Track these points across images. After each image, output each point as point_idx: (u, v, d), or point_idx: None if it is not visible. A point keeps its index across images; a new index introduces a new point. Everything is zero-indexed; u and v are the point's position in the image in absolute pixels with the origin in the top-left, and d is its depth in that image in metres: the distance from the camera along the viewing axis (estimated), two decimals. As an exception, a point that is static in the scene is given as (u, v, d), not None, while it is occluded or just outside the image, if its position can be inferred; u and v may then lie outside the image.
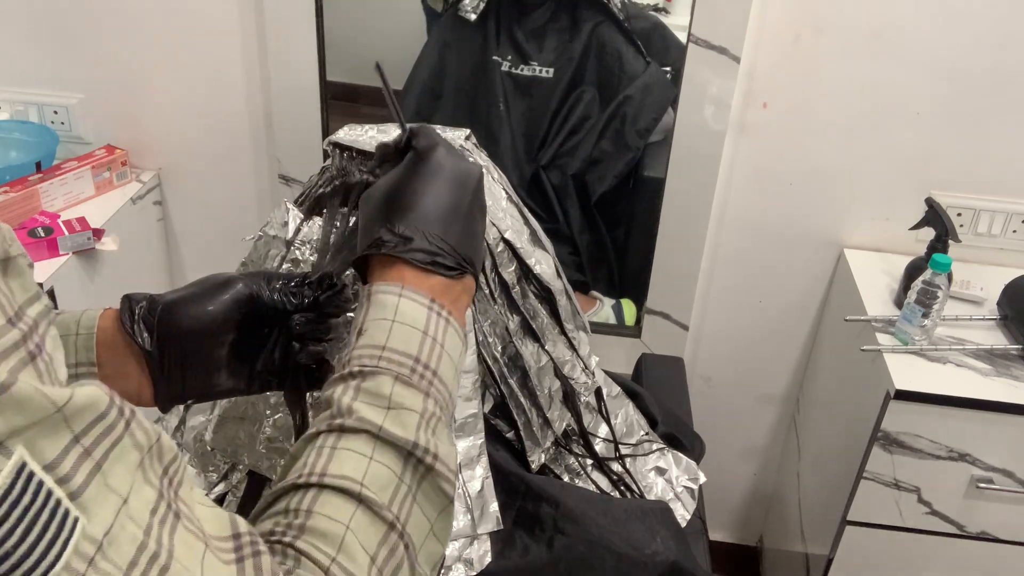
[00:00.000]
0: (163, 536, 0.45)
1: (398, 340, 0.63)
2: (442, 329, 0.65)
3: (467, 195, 0.71)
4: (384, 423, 0.59)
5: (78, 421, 0.42)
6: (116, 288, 1.59)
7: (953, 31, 1.42)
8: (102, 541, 0.41)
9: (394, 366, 0.62)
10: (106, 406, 0.44)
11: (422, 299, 0.65)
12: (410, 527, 0.58)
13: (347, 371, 0.62)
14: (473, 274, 0.70)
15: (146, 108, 1.66)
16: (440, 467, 0.60)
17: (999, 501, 1.36)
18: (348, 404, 0.60)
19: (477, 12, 1.79)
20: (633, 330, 1.75)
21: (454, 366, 0.66)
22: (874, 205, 1.59)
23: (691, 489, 1.17)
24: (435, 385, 0.63)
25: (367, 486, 0.56)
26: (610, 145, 1.78)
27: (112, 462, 0.44)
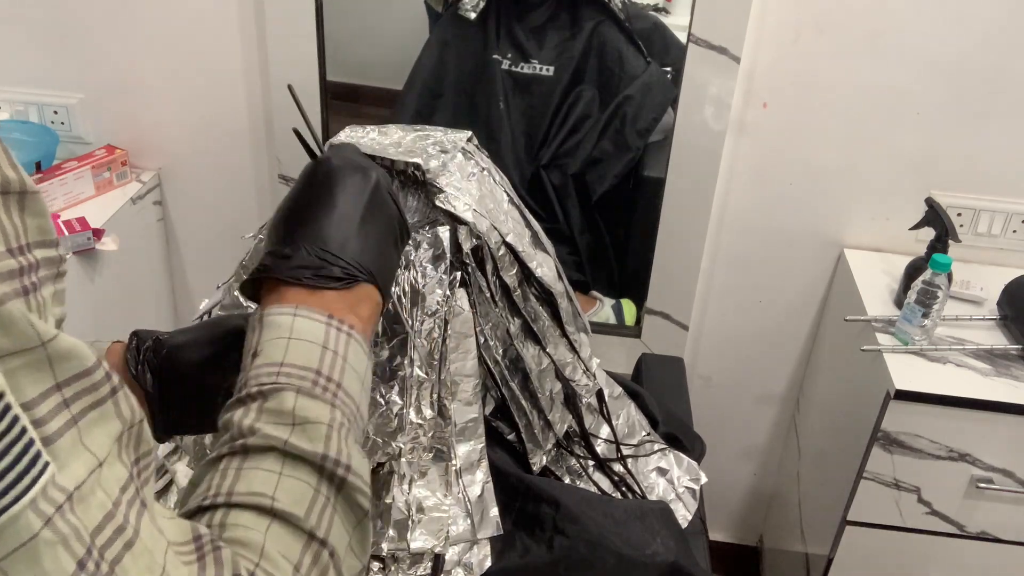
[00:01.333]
0: (130, 515, 0.44)
1: (296, 355, 0.60)
2: (343, 343, 0.62)
3: (358, 203, 0.69)
4: (290, 438, 0.56)
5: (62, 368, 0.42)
6: (116, 288, 1.59)
7: (953, 31, 1.42)
8: (72, 494, 0.40)
9: (294, 380, 0.58)
10: (92, 364, 0.44)
11: (319, 316, 0.62)
12: (333, 538, 0.55)
13: (244, 393, 0.59)
14: (371, 281, 0.67)
15: (146, 108, 1.66)
16: (353, 479, 0.57)
17: (999, 501, 1.36)
18: (250, 424, 0.56)
19: (477, 11, 1.78)
20: (633, 330, 1.75)
21: (360, 380, 0.63)
22: (874, 205, 1.59)
23: (692, 490, 1.18)
24: (340, 397, 0.60)
25: (279, 499, 0.54)
26: (610, 145, 1.78)
27: (91, 423, 0.43)
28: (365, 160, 0.74)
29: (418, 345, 0.86)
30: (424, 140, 0.94)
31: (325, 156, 0.72)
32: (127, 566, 0.43)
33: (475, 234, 0.90)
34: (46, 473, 0.39)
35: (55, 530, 0.39)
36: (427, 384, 0.88)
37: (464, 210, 0.89)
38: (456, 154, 0.92)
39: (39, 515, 0.38)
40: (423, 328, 0.87)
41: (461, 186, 0.90)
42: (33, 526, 0.38)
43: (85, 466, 0.42)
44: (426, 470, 0.89)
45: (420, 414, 0.88)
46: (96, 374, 0.44)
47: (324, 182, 0.70)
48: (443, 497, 0.89)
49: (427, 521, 0.88)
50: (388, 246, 0.71)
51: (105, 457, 0.43)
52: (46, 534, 0.39)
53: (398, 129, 0.97)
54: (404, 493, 0.87)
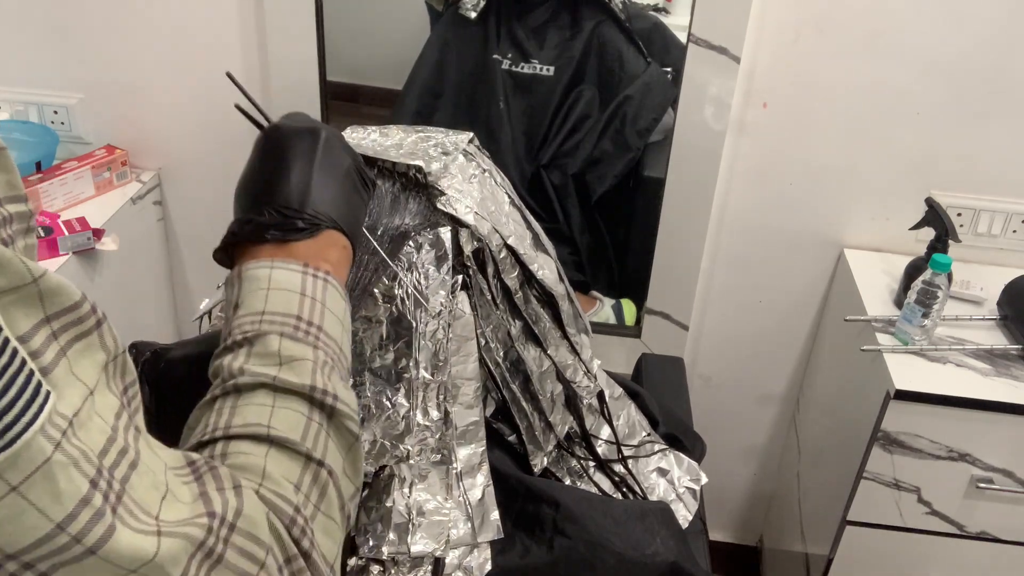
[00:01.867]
0: (129, 438, 0.46)
1: (276, 303, 0.63)
2: (320, 289, 0.66)
3: (308, 157, 0.72)
4: (279, 374, 0.59)
5: (51, 303, 0.43)
6: (116, 288, 1.59)
7: (953, 31, 1.42)
8: (72, 420, 0.42)
9: (276, 325, 0.62)
10: (79, 298, 0.45)
11: (294, 265, 0.66)
12: (329, 460, 0.58)
13: (230, 342, 0.62)
14: (334, 227, 0.70)
15: (146, 108, 1.66)
16: (341, 406, 0.60)
17: (999, 501, 1.36)
18: (239, 366, 0.60)
19: (477, 10, 1.78)
20: (633, 330, 1.75)
21: (340, 323, 0.66)
22: (874, 205, 1.59)
23: (693, 490, 1.17)
24: (322, 339, 0.63)
25: (274, 427, 0.57)
26: (610, 145, 1.78)
27: (78, 354, 0.45)
28: (312, 121, 0.77)
29: (423, 347, 0.86)
30: (425, 142, 0.94)
31: (273, 124, 0.76)
32: (135, 484, 0.45)
33: (477, 237, 0.90)
34: (49, 401, 0.41)
35: (65, 452, 0.41)
36: (433, 386, 0.88)
37: (466, 213, 0.89)
38: (458, 156, 0.92)
39: (49, 439, 0.40)
40: (427, 330, 0.87)
41: (463, 188, 0.90)
42: (46, 450, 0.40)
43: (79, 394, 0.44)
44: (427, 473, 0.89)
45: (427, 416, 0.88)
46: (83, 307, 0.46)
47: (275, 147, 0.73)
48: (443, 501, 0.89)
49: (428, 525, 0.88)
50: (348, 192, 0.74)
51: (95, 386, 0.45)
52: (58, 456, 0.41)
53: (399, 130, 0.97)
54: (405, 496, 0.87)
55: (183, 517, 0.47)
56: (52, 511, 0.40)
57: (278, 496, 0.54)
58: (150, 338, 1.79)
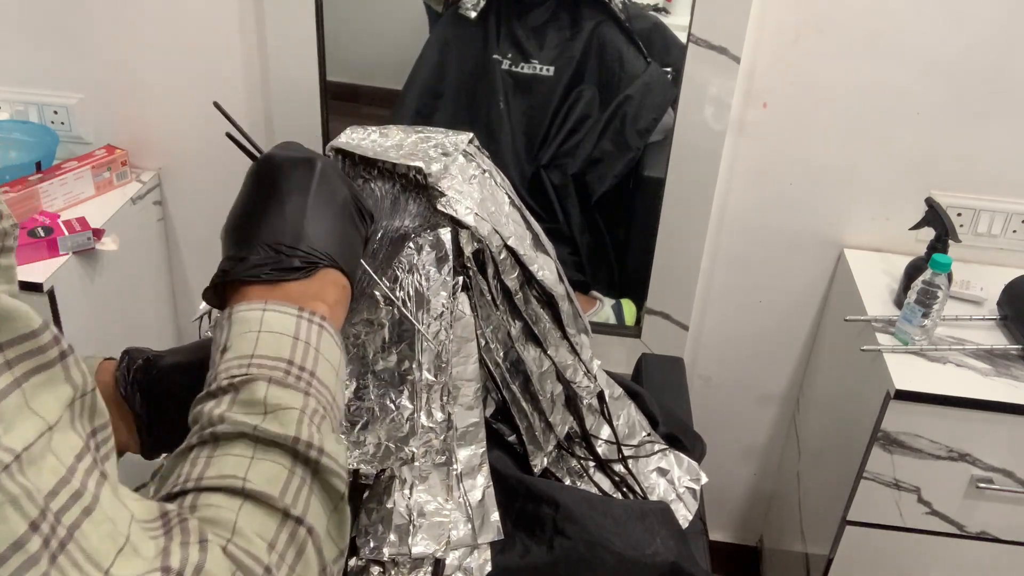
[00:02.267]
0: (89, 483, 0.43)
1: (267, 347, 0.59)
2: (315, 334, 0.61)
3: (303, 190, 0.68)
4: (261, 423, 0.55)
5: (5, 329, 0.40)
6: (116, 288, 1.59)
7: (953, 31, 1.42)
8: (21, 455, 0.39)
9: (265, 370, 0.57)
10: (38, 326, 0.42)
11: (289, 309, 0.62)
12: (310, 517, 0.54)
13: (214, 387, 0.57)
14: (332, 265, 0.66)
15: (146, 108, 1.66)
16: (327, 461, 0.56)
17: (999, 501, 1.36)
18: (220, 413, 0.55)
19: (477, 10, 1.79)
20: (633, 330, 1.75)
21: (334, 370, 0.62)
22: (874, 205, 1.59)
23: (693, 490, 1.18)
24: (314, 386, 0.59)
25: (250, 480, 0.52)
26: (610, 145, 1.78)
27: (37, 387, 0.41)
28: (306, 151, 0.73)
29: (426, 348, 0.86)
30: (425, 142, 0.94)
31: (267, 154, 0.72)
32: (87, 531, 0.41)
33: (477, 238, 0.90)
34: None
35: (3, 490, 0.38)
36: (436, 387, 0.88)
37: (466, 214, 0.89)
38: (458, 156, 0.92)
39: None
40: (430, 331, 0.87)
41: (463, 189, 0.90)
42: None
43: (34, 428, 0.40)
44: (427, 475, 0.89)
45: (431, 417, 0.88)
46: (42, 337, 0.42)
47: (268, 179, 0.69)
48: (444, 502, 0.89)
49: (428, 526, 0.88)
50: (345, 227, 0.70)
51: (56, 422, 0.42)
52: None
53: (399, 131, 0.97)
54: (405, 498, 0.87)
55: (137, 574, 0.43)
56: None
57: (247, 555, 0.49)
58: (150, 338, 1.80)
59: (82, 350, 1.50)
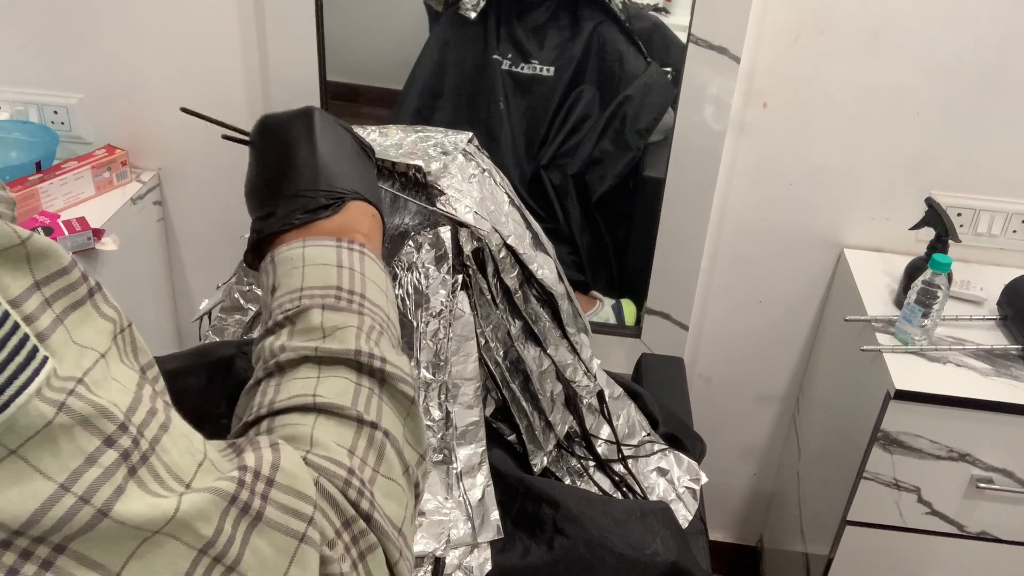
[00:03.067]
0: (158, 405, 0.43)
1: (314, 278, 0.61)
2: (357, 260, 0.64)
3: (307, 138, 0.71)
4: (321, 343, 0.57)
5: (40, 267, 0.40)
6: (116, 288, 1.58)
7: (953, 31, 1.42)
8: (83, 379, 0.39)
9: (317, 299, 0.59)
10: (68, 263, 0.42)
11: (327, 241, 0.64)
12: (385, 423, 0.55)
13: (271, 323, 0.60)
14: (357, 197, 0.69)
15: (146, 108, 1.66)
16: (392, 368, 0.57)
17: (999, 501, 1.36)
18: (281, 344, 0.58)
19: (477, 10, 1.79)
20: (633, 330, 1.75)
21: (383, 292, 0.64)
22: (874, 205, 1.59)
23: (693, 490, 1.18)
24: (367, 306, 0.61)
25: (321, 395, 0.54)
26: (610, 145, 1.78)
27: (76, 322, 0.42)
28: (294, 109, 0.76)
29: (424, 347, 0.86)
30: (425, 142, 0.94)
31: (261, 119, 0.75)
32: (167, 446, 0.42)
33: (476, 237, 0.90)
34: (47, 366, 0.38)
35: (72, 413, 0.38)
36: (434, 386, 0.88)
37: (465, 212, 0.89)
38: (457, 156, 0.92)
39: (49, 403, 0.38)
40: (428, 330, 0.87)
41: (462, 188, 0.90)
42: (46, 413, 0.37)
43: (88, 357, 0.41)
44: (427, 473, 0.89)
45: (429, 416, 0.88)
46: (72, 274, 0.42)
47: (273, 137, 0.73)
48: (444, 500, 0.89)
49: (428, 524, 0.88)
50: (357, 160, 0.73)
51: (106, 350, 0.42)
52: (62, 419, 0.38)
53: (399, 130, 0.97)
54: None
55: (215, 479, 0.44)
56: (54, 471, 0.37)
57: (328, 460, 0.51)
58: (150, 338, 1.79)
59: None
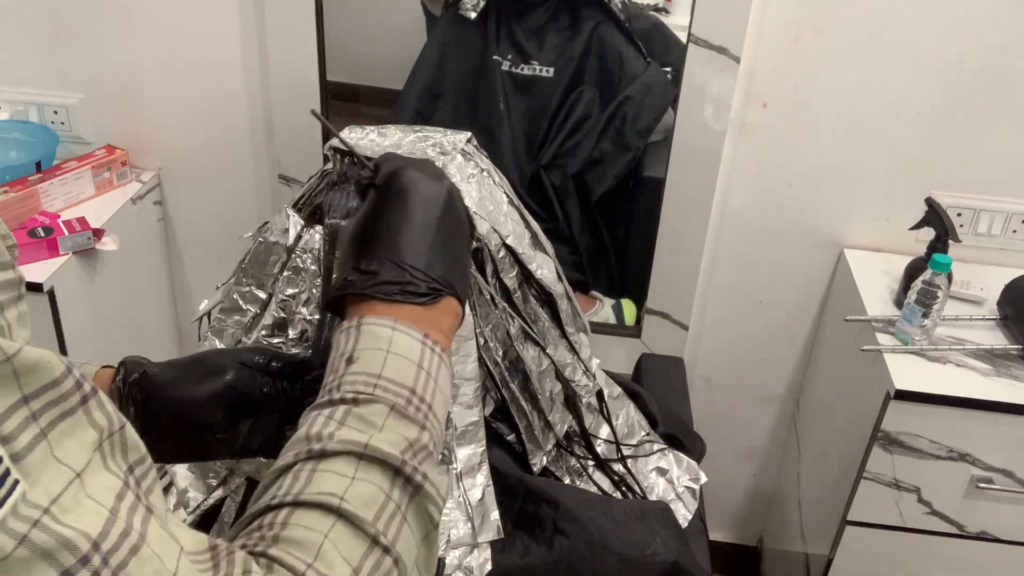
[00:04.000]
0: (135, 520, 0.43)
1: (394, 370, 0.60)
2: (436, 364, 0.63)
3: (434, 214, 0.69)
4: (371, 441, 0.56)
5: (29, 381, 0.41)
6: (116, 288, 1.59)
7: (953, 31, 1.42)
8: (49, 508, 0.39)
9: (390, 395, 0.59)
10: (60, 374, 0.42)
11: (416, 333, 0.63)
12: (399, 547, 0.54)
13: (338, 396, 0.59)
14: (453, 294, 0.67)
15: (146, 108, 1.66)
16: (429, 488, 0.57)
17: (999, 501, 1.36)
18: (332, 430, 0.56)
19: (477, 11, 1.79)
20: (633, 330, 1.75)
21: (445, 404, 0.64)
22: (874, 205, 1.59)
23: (692, 489, 1.18)
24: (430, 419, 0.60)
25: (348, 500, 0.53)
26: (610, 145, 1.78)
27: (61, 434, 0.42)
28: (436, 168, 0.73)
29: None
30: (424, 141, 0.94)
31: (399, 166, 0.71)
32: (133, 571, 0.42)
33: (475, 237, 0.90)
34: (15, 492, 0.38)
35: (32, 547, 0.38)
36: None
37: (464, 212, 0.89)
38: (456, 155, 0.92)
39: (10, 535, 0.37)
40: None
41: (461, 188, 0.90)
42: (5, 547, 0.37)
43: (60, 479, 0.41)
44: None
45: None
46: (64, 384, 0.42)
47: (401, 194, 0.69)
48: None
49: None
50: (464, 254, 0.72)
51: (84, 467, 0.42)
52: (21, 552, 0.38)
53: (397, 130, 0.97)
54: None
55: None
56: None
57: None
58: (150, 338, 1.80)
59: (82, 350, 1.50)
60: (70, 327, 1.44)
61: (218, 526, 0.94)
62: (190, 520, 0.95)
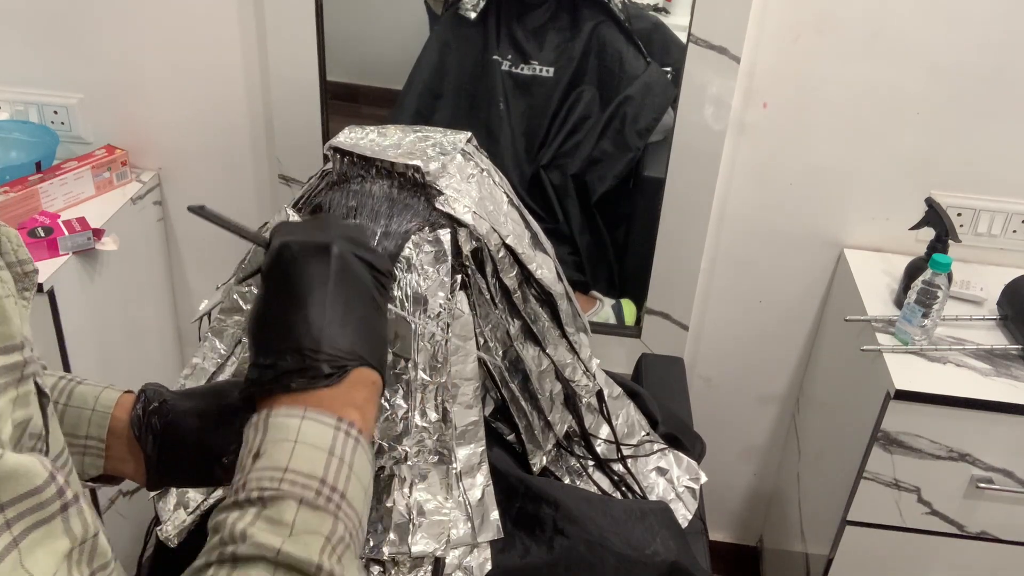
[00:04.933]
0: None
1: (301, 461, 0.57)
2: (351, 448, 0.60)
3: (325, 286, 0.65)
4: (283, 546, 0.53)
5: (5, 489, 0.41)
6: (116, 288, 1.59)
7: (953, 31, 1.42)
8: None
9: (298, 488, 0.56)
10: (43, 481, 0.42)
11: (327, 419, 0.60)
12: None
13: (243, 496, 0.56)
14: (360, 363, 0.64)
15: (146, 108, 1.66)
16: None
17: (999, 501, 1.36)
18: (243, 529, 0.54)
19: (477, 11, 1.79)
20: (633, 330, 1.75)
21: (364, 490, 0.61)
22: (874, 205, 1.59)
23: (692, 489, 1.18)
24: (343, 510, 0.57)
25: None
26: (610, 145, 1.78)
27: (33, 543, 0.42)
28: (319, 233, 0.69)
29: (422, 348, 0.86)
30: (423, 141, 0.94)
31: (279, 245, 0.67)
32: None
33: (475, 236, 0.90)
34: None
35: None
36: (431, 387, 0.88)
37: (464, 212, 0.89)
38: (455, 155, 0.92)
39: None
40: (426, 331, 0.87)
41: (461, 188, 0.90)
42: None
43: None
44: (427, 473, 0.89)
45: (425, 417, 0.88)
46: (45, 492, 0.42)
47: (285, 276, 0.66)
48: (444, 500, 0.89)
49: (428, 525, 0.88)
50: (369, 315, 0.68)
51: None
52: None
53: (397, 130, 0.97)
54: (405, 497, 0.87)
55: None
56: None
57: None
58: (150, 338, 1.80)
59: (82, 350, 1.50)
60: (70, 327, 1.44)
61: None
62: (190, 520, 0.95)
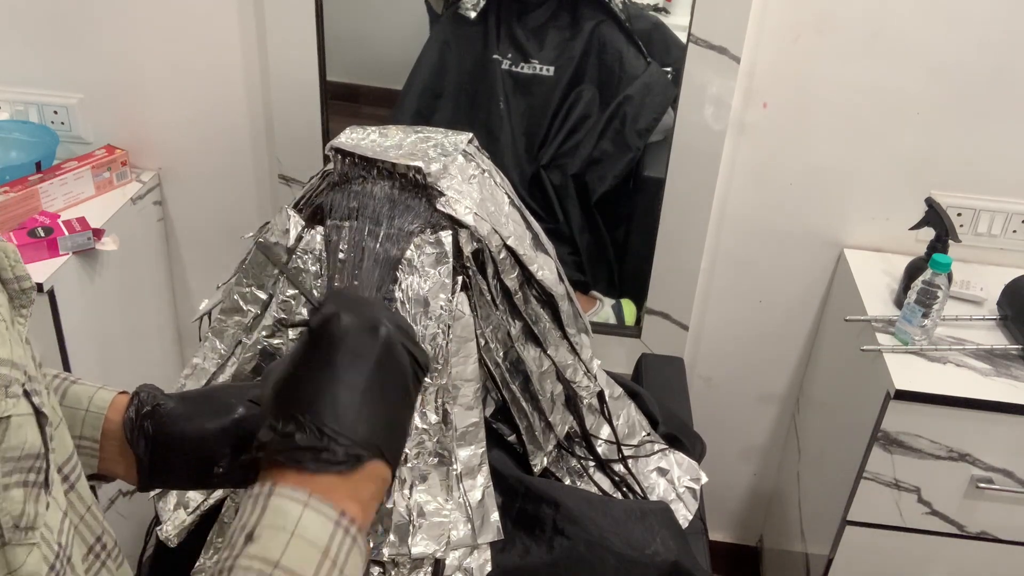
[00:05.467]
0: None
1: (294, 558, 0.55)
2: (346, 550, 0.58)
3: (364, 370, 0.63)
4: None
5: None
6: (116, 288, 1.59)
7: (953, 31, 1.42)
8: None
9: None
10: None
11: (329, 511, 0.58)
12: None
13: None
14: (378, 457, 0.62)
15: (146, 108, 1.66)
16: None
17: (999, 501, 1.36)
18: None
19: (477, 10, 1.79)
20: (633, 330, 1.75)
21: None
22: (874, 205, 1.59)
23: (693, 489, 1.18)
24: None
25: None
26: (610, 145, 1.78)
27: None
28: (374, 314, 0.67)
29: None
30: (425, 142, 0.94)
31: (330, 314, 0.65)
32: None
33: (476, 238, 0.90)
34: None
35: None
36: (431, 389, 0.88)
37: (465, 213, 0.89)
38: (457, 156, 0.92)
39: None
40: (427, 333, 0.87)
41: (462, 189, 0.90)
42: None
43: None
44: (427, 475, 0.89)
45: (425, 419, 0.88)
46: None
47: (328, 346, 0.64)
48: (444, 502, 0.89)
49: (428, 526, 0.88)
50: (399, 410, 0.66)
51: None
52: None
53: (399, 131, 0.97)
54: (405, 498, 0.87)
55: None
56: None
57: None
58: (150, 338, 1.80)
59: (82, 350, 1.50)
60: (70, 327, 1.44)
61: (218, 526, 0.94)
62: (190, 520, 0.95)
